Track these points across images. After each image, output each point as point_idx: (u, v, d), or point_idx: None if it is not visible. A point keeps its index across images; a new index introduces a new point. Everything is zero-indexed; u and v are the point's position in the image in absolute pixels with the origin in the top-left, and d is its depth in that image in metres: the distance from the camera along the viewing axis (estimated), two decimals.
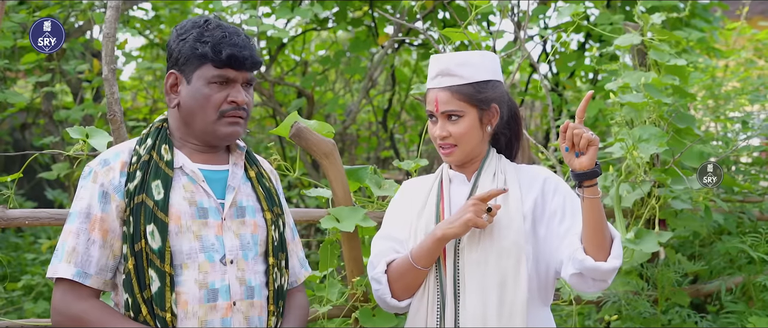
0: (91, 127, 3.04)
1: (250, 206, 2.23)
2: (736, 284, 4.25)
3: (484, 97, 2.40)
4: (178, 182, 2.15)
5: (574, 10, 3.89)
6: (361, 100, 6.01)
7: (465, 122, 2.40)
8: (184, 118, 2.20)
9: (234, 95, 2.17)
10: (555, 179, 2.45)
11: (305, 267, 2.43)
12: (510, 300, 2.32)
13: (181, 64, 2.17)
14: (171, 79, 2.20)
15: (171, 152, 2.17)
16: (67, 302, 2.09)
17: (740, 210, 4.35)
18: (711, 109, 4.86)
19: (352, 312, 3.23)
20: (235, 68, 2.16)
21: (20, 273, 5.37)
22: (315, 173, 5.94)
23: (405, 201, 2.56)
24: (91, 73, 5.56)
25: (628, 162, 3.58)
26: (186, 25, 2.19)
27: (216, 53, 2.13)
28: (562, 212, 2.38)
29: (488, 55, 2.47)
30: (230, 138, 2.20)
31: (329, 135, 3.16)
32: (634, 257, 3.55)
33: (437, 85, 2.42)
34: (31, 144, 7.09)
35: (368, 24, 6.36)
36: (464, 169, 2.50)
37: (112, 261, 2.12)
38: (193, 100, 2.16)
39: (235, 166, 2.25)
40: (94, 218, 2.10)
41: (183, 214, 2.12)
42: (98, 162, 2.16)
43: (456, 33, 3.53)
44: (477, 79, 2.40)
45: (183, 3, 5.96)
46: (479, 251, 2.35)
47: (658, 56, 3.74)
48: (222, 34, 2.15)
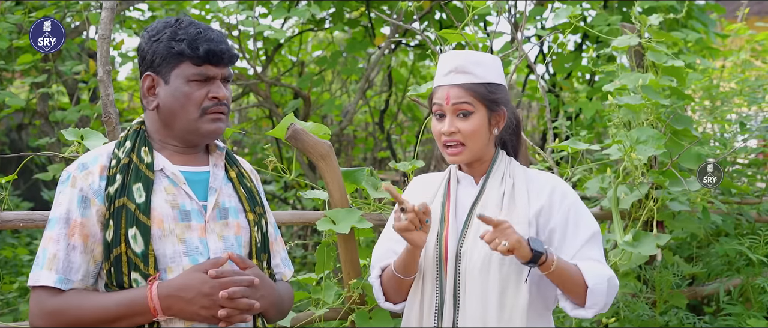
0: (86, 129, 3.03)
1: (232, 207, 2.20)
2: (734, 285, 4.25)
3: (495, 98, 2.39)
4: (160, 184, 2.12)
5: (572, 12, 3.88)
6: (357, 100, 6.00)
7: (475, 120, 2.37)
8: (165, 120, 2.16)
9: (215, 91, 2.14)
10: (562, 190, 2.42)
11: (288, 266, 2.40)
12: (510, 305, 2.31)
13: (156, 66, 2.14)
14: (147, 82, 2.16)
15: (151, 155, 2.14)
16: (42, 303, 2.04)
17: (738, 212, 4.34)
18: (708, 110, 4.85)
19: (348, 314, 3.22)
20: (214, 64, 2.14)
21: (15, 274, 5.35)
22: (311, 175, 5.93)
23: (413, 197, 2.53)
24: (87, 74, 5.54)
25: (625, 164, 3.57)
26: (157, 26, 2.16)
27: (193, 50, 2.11)
28: (561, 231, 2.37)
29: (495, 58, 2.46)
30: (213, 135, 2.17)
31: (326, 137, 3.15)
32: (632, 260, 3.54)
33: (450, 82, 2.39)
34: (28, 145, 7.08)
35: (365, 25, 6.35)
36: (473, 170, 2.47)
37: (93, 267, 2.09)
38: (173, 100, 2.13)
39: (216, 167, 2.22)
40: (74, 224, 2.07)
41: (165, 217, 2.09)
42: (76, 166, 2.12)
43: (453, 34, 3.52)
44: (490, 80, 2.39)
45: (179, 3, 5.94)
46: (481, 255, 2.33)
47: (656, 57, 3.73)
48: (196, 30, 2.13)
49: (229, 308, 2.04)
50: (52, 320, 2.04)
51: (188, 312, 2.03)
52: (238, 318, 2.07)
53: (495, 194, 2.40)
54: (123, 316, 2.03)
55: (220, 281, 2.04)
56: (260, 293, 2.12)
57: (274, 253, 2.34)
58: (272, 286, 2.21)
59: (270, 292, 2.18)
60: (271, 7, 5.67)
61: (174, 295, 2.02)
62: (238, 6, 5.41)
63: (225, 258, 2.08)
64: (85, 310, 2.03)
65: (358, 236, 3.26)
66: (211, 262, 2.07)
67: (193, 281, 2.03)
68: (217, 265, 2.06)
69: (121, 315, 2.03)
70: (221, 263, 2.07)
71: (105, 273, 2.07)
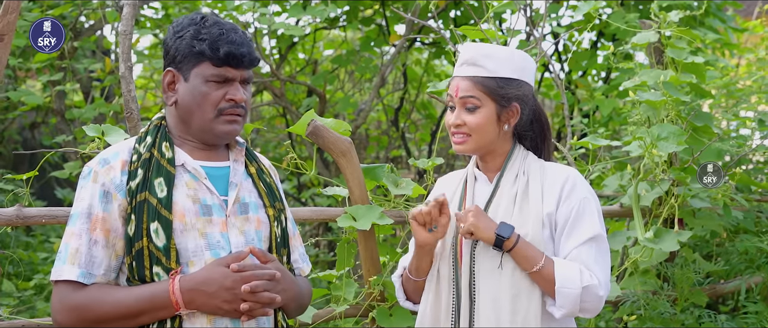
0: (107, 125, 3.03)
1: (252, 202, 2.20)
2: (755, 283, 4.22)
3: (505, 93, 2.34)
4: (181, 179, 2.12)
5: (592, 7, 3.86)
6: (372, 98, 5.99)
7: (481, 114, 2.34)
8: (182, 116, 2.17)
9: (232, 93, 2.14)
10: (572, 182, 2.36)
11: (306, 262, 2.40)
12: (524, 310, 2.28)
13: (178, 62, 2.14)
14: (168, 77, 2.17)
15: (172, 150, 2.14)
16: (65, 298, 2.04)
17: (758, 209, 4.31)
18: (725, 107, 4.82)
19: (368, 312, 3.21)
20: (234, 66, 2.13)
21: (32, 272, 5.36)
22: (326, 172, 5.92)
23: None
24: (102, 72, 5.55)
25: (646, 161, 3.55)
26: (183, 22, 2.17)
27: (214, 51, 2.11)
28: (562, 227, 2.33)
29: (520, 54, 2.41)
30: (228, 137, 2.18)
31: (346, 133, 3.15)
32: (653, 257, 3.52)
33: (461, 74, 2.38)
34: (41, 143, 7.09)
35: (379, 22, 6.34)
36: (487, 167, 2.44)
37: (115, 261, 2.08)
38: (190, 98, 2.14)
39: (236, 162, 2.22)
40: (96, 218, 2.07)
41: (187, 211, 2.09)
42: (97, 162, 2.12)
43: (472, 31, 3.51)
44: (501, 75, 2.35)
45: (193, 2, 5.94)
46: (494, 258, 2.31)
47: (676, 54, 3.71)
48: (219, 31, 2.12)
49: (251, 301, 2.04)
50: (75, 315, 2.04)
51: (210, 306, 2.03)
52: (260, 312, 2.07)
53: (508, 193, 2.36)
54: (145, 310, 2.03)
55: (242, 274, 2.03)
56: (281, 287, 2.11)
57: (293, 248, 2.34)
58: (293, 280, 2.22)
59: (291, 286, 2.18)
60: (285, 5, 5.67)
61: (196, 289, 2.02)
62: (253, 4, 5.40)
63: (247, 252, 2.08)
64: (108, 305, 2.03)
65: (378, 233, 3.25)
66: (233, 256, 2.07)
67: (215, 274, 2.03)
68: (238, 259, 2.06)
69: (143, 310, 2.03)
70: (243, 258, 2.07)
71: (127, 267, 2.07)
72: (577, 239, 2.30)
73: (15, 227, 3.25)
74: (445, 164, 7.24)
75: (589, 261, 2.29)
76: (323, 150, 3.15)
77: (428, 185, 3.40)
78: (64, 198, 6.85)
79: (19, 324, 2.87)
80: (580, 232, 2.31)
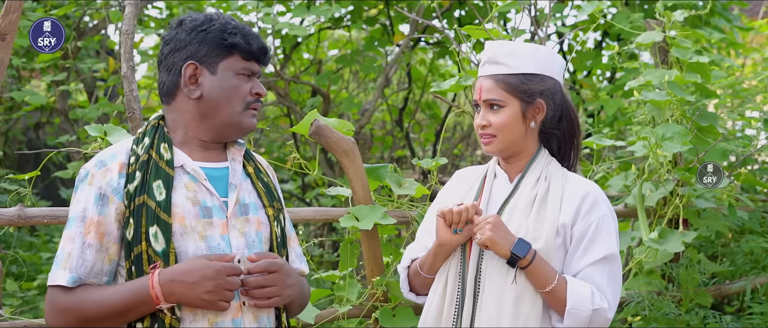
0: (109, 124, 3.02)
1: (252, 202, 2.18)
2: (761, 284, 4.20)
3: (528, 89, 2.31)
4: (180, 181, 2.10)
5: (597, 7, 3.84)
6: (376, 98, 5.97)
7: (505, 113, 2.31)
8: (205, 110, 2.14)
9: (257, 88, 2.17)
10: (594, 197, 2.33)
11: (303, 262, 2.38)
12: (525, 314, 2.26)
13: (202, 55, 2.12)
14: (189, 70, 2.13)
15: (170, 151, 2.11)
16: (54, 302, 2.04)
17: (763, 209, 4.30)
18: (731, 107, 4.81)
19: (371, 312, 3.20)
20: (259, 61, 2.18)
21: (35, 272, 5.36)
22: (330, 172, 5.92)
23: (452, 190, 2.50)
24: (106, 72, 5.55)
25: (650, 161, 3.53)
26: (199, 18, 2.16)
27: (247, 43, 2.13)
28: (576, 244, 2.30)
29: (544, 50, 2.38)
30: (250, 129, 2.18)
31: (349, 133, 3.14)
32: (658, 257, 3.50)
33: (484, 73, 2.36)
34: (45, 143, 7.09)
35: (383, 22, 6.33)
36: (510, 167, 2.41)
37: (108, 265, 2.06)
38: (220, 91, 2.13)
39: (234, 162, 2.20)
40: (89, 221, 2.04)
41: (187, 214, 2.06)
42: (94, 164, 2.10)
43: (477, 30, 3.50)
44: (523, 71, 2.32)
45: (197, 2, 5.93)
46: (501, 258, 2.28)
47: (681, 54, 3.69)
48: (243, 27, 2.16)
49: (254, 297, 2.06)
50: (64, 317, 2.03)
51: (191, 297, 1.99)
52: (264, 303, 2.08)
53: (528, 195, 2.33)
54: (130, 307, 2.01)
55: (225, 265, 2.01)
56: (290, 282, 2.12)
57: (290, 249, 2.33)
58: (299, 277, 2.21)
59: (298, 281, 2.18)
60: (289, 5, 5.66)
61: (175, 280, 1.98)
62: (257, 4, 5.40)
63: (232, 256, 2.06)
64: (94, 304, 2.01)
65: (381, 233, 3.24)
66: (218, 256, 2.04)
67: (197, 265, 2.00)
68: (223, 260, 2.04)
69: (128, 307, 2.01)
70: (228, 260, 2.05)
71: (126, 272, 2.05)
72: (591, 257, 2.28)
73: (18, 227, 3.24)
74: (449, 164, 7.23)
75: (602, 282, 2.27)
76: (327, 150, 3.14)
77: (432, 185, 3.39)
78: (68, 198, 6.85)
79: (21, 324, 2.86)
80: (595, 250, 2.28)
